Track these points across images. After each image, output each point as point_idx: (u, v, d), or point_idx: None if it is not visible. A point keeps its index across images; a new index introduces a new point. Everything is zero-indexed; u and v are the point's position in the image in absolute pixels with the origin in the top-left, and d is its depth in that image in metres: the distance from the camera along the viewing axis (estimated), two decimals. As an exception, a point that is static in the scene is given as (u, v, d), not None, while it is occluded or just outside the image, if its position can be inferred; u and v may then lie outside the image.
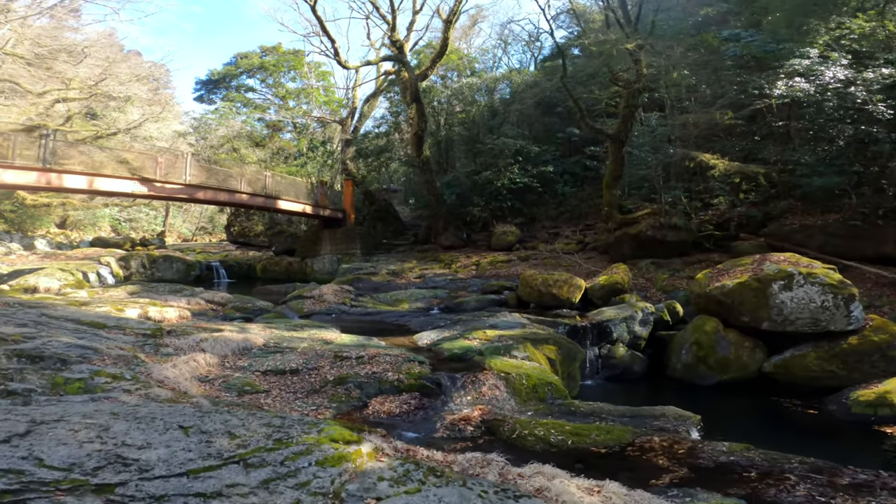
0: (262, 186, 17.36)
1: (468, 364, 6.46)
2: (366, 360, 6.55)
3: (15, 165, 10.04)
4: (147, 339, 6.60)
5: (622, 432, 4.88)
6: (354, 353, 6.71)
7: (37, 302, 6.99)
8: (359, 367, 6.26)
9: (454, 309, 12.81)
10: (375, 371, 6.09)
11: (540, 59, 29.80)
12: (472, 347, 7.15)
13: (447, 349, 7.28)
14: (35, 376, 4.17)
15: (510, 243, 20.33)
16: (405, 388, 5.76)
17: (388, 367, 6.22)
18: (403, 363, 6.42)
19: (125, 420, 3.08)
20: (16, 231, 27.31)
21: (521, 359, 7.13)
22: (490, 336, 7.93)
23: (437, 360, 6.66)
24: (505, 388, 6.05)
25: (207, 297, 11.45)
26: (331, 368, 6.36)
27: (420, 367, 6.38)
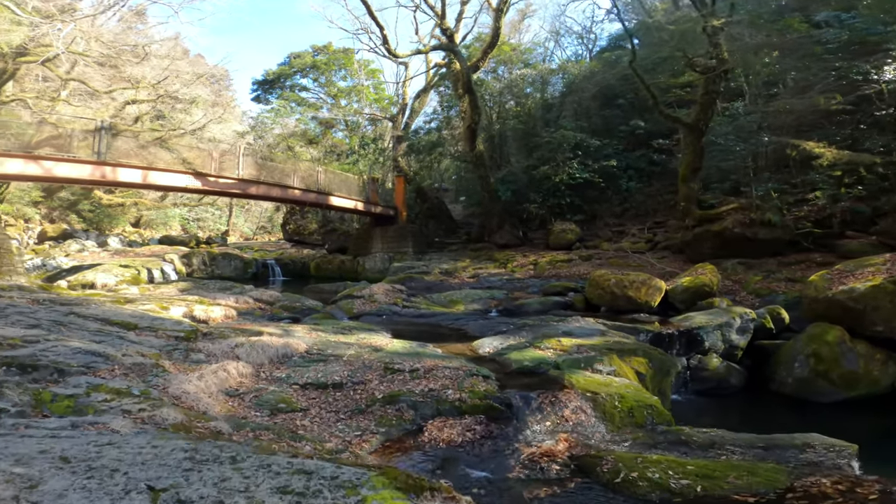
0: (315, 182, 16.79)
1: (543, 380, 5.38)
2: (421, 373, 5.34)
3: (69, 159, 9.82)
4: (178, 342, 5.79)
5: (773, 472, 3.54)
6: (408, 365, 5.58)
7: (72, 298, 6.36)
8: (413, 382, 5.06)
9: (514, 311, 11.57)
10: (432, 388, 4.92)
11: (596, 50, 27.90)
12: (546, 359, 6.01)
13: (515, 360, 6.01)
14: (16, 391, 3.29)
15: (570, 242, 18.70)
16: (468, 410, 4.61)
17: (447, 384, 5.00)
18: (465, 378, 5.13)
19: (72, 471, 2.07)
20: (94, 230, 28.68)
21: (606, 374, 5.77)
22: (566, 345, 6.62)
23: (503, 373, 5.58)
24: (592, 412, 4.82)
25: (256, 296, 10.78)
26: (380, 383, 5.16)
27: (485, 383, 5.06)
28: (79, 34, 14.75)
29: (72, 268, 12.14)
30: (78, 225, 28.23)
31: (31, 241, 22.34)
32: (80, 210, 28.68)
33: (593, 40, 30.57)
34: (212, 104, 27.18)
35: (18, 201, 24.00)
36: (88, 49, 15.92)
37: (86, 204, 28.69)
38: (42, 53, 14.71)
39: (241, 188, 13.75)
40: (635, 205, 19.69)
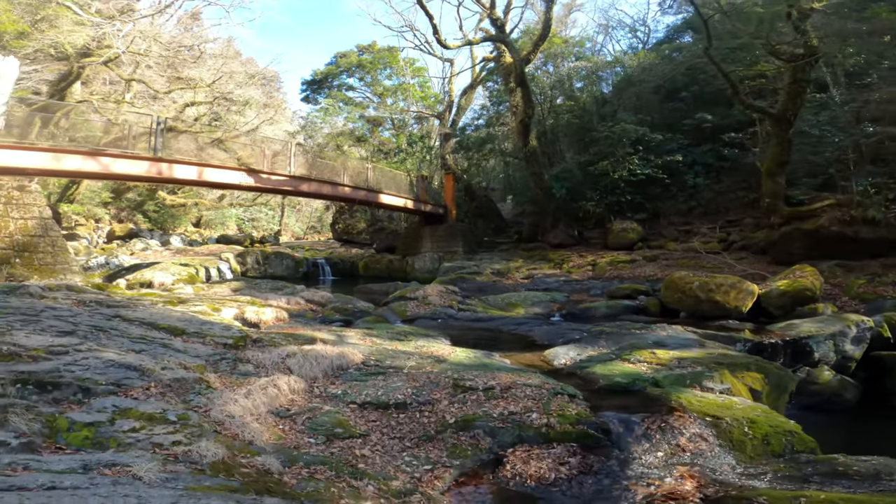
0: (365, 180, 16.29)
1: (641, 400, 4.60)
2: (497, 392, 4.43)
3: (125, 155, 9.65)
4: (226, 350, 5.17)
5: None
6: (481, 382, 4.66)
7: (120, 300, 5.90)
8: (489, 403, 4.26)
9: (579, 316, 10.51)
10: (513, 410, 4.10)
11: (652, 42, 26.05)
12: (641, 374, 5.21)
13: (602, 375, 5.23)
14: (24, 418, 2.65)
15: (631, 241, 17.25)
16: (557, 438, 3.83)
17: (529, 405, 4.18)
18: (550, 398, 4.29)
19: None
20: (158, 229, 29.71)
21: (719, 392, 4.79)
22: (663, 359, 5.65)
23: (589, 391, 4.83)
24: (715, 440, 3.92)
25: (307, 297, 10.25)
26: (450, 404, 4.33)
27: (574, 403, 4.24)
28: (138, 35, 14.98)
29: (131, 266, 12.14)
30: (144, 224, 29.32)
31: (101, 240, 23.21)
32: (146, 210, 29.78)
33: (647, 32, 28.77)
34: (263, 105, 27.52)
35: (89, 202, 25.09)
36: (148, 50, 16.18)
37: (151, 204, 29.76)
38: (104, 54, 15.04)
39: (293, 185, 13.37)
40: (703, 202, 17.93)
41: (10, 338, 3.47)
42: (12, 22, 13.63)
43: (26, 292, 5.21)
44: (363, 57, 30.18)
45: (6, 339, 3.43)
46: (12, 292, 5.17)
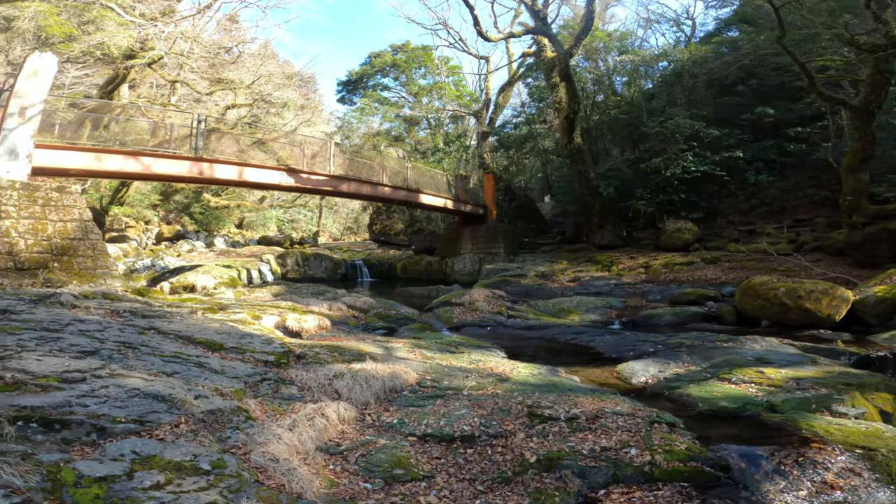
0: (404, 179, 15.66)
1: (759, 428, 3.91)
2: (582, 422, 3.72)
3: (166, 154, 9.36)
4: (268, 369, 4.54)
5: None
6: (562, 410, 3.91)
7: (157, 309, 5.39)
8: (574, 435, 3.56)
9: (642, 324, 9.54)
10: (605, 445, 3.41)
11: (700, 35, 24.43)
12: (751, 397, 4.51)
13: (700, 398, 4.55)
14: (20, 469, 2.04)
15: (686, 242, 15.93)
16: (664, 477, 3.16)
17: (624, 438, 3.50)
18: (648, 428, 3.60)
19: None
20: (203, 230, 30.18)
21: (854, 417, 4.09)
22: (775, 378, 4.88)
23: (688, 417, 4.11)
24: (871, 473, 3.13)
25: (349, 302, 9.66)
26: (527, 437, 3.61)
27: (678, 435, 3.53)
28: (179, 36, 14.94)
29: (175, 269, 11.94)
30: (190, 226, 29.84)
31: (150, 242, 23.61)
32: (192, 212, 30.31)
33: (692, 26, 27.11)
34: (301, 107, 27.45)
35: (139, 204, 25.64)
36: (190, 51, 16.16)
37: (196, 206, 30.26)
38: (147, 55, 15.09)
39: (333, 185, 12.88)
40: (767, 200, 16.39)
41: (19, 361, 2.89)
42: (59, 25, 13.78)
43: (57, 301, 4.75)
44: (397, 56, 29.70)
45: (13, 364, 2.84)
46: (42, 301, 4.72)
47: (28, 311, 4.25)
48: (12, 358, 2.88)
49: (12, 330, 3.48)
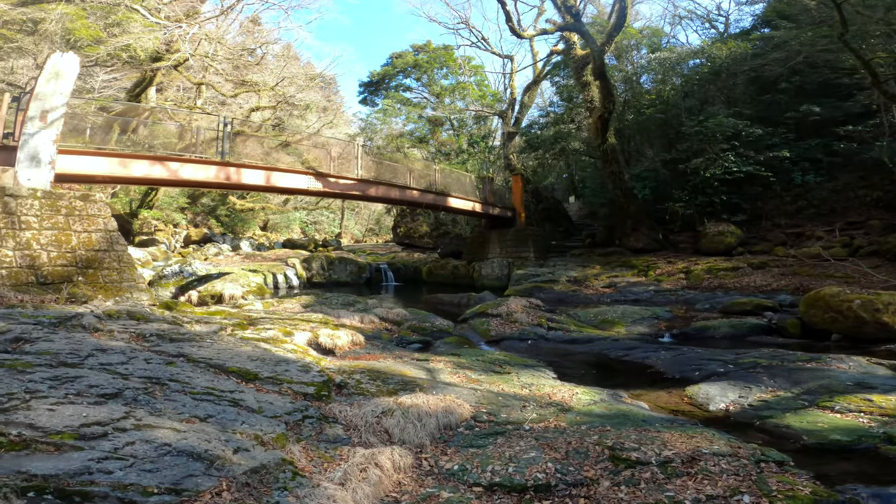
0: (431, 182, 15.04)
1: (881, 463, 3.45)
2: (677, 466, 3.14)
3: (193, 160, 8.94)
4: (308, 403, 3.97)
5: None
6: (651, 452, 3.32)
7: (185, 332, 4.88)
8: (670, 483, 2.98)
9: (695, 337, 8.77)
10: (711, 493, 2.83)
11: (734, 31, 23.25)
12: (863, 428, 4.00)
13: (805, 430, 4.03)
14: None
15: (729, 246, 14.96)
16: None
17: (732, 483, 2.93)
18: (755, 469, 3.06)
19: None
20: (229, 233, 30.13)
21: None
22: (886, 406, 4.27)
23: (792, 451, 3.55)
24: None
25: (382, 314, 9.09)
26: (613, 486, 3.03)
27: (792, 476, 2.99)
28: (203, 37, 14.67)
29: (203, 277, 11.58)
30: (216, 229, 29.82)
31: (178, 245, 23.53)
32: (219, 215, 30.30)
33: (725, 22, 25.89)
34: (323, 109, 27.13)
35: (167, 207, 25.66)
36: (214, 53, 15.90)
37: (223, 209, 30.24)
38: (173, 58, 14.85)
39: (361, 189, 12.34)
40: (815, 202, 15.28)
41: (27, 413, 2.36)
42: (86, 28, 13.59)
43: (78, 324, 4.25)
44: (419, 57, 29.12)
45: (19, 417, 2.31)
46: (62, 323, 4.23)
47: (45, 339, 3.75)
48: (18, 409, 2.35)
49: (23, 367, 2.96)
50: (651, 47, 21.74)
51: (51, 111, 6.71)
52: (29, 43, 15.79)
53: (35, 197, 6.36)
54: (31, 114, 6.56)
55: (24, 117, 6.61)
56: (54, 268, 6.06)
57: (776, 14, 19.22)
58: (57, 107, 6.76)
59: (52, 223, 6.32)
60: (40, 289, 5.77)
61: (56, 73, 6.75)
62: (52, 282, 5.96)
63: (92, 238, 6.50)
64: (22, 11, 13.61)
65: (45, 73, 6.71)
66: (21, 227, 6.08)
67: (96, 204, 6.76)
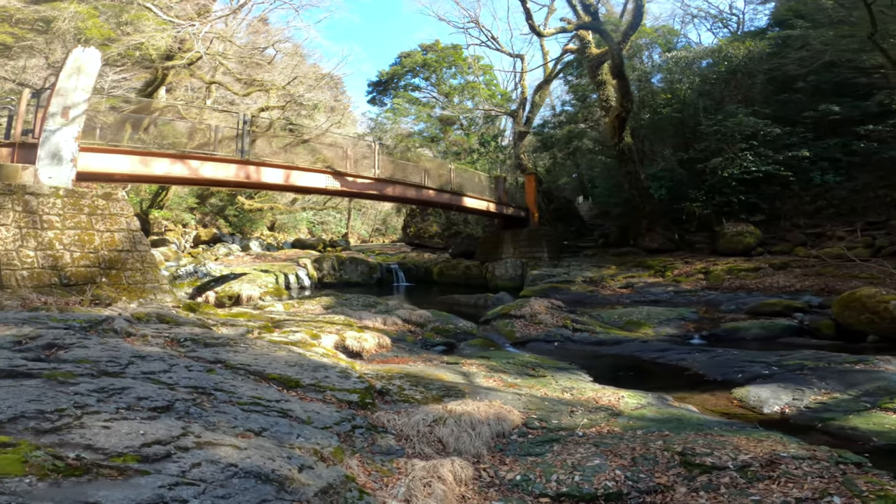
0: (446, 182, 14.81)
1: None
2: (757, 470, 2.96)
3: (213, 157, 8.72)
4: (353, 412, 3.75)
5: None
6: (726, 456, 3.13)
7: (217, 337, 4.67)
8: (753, 487, 2.80)
9: (726, 338, 8.55)
10: (800, 496, 2.68)
11: (749, 30, 22.98)
12: None
13: (872, 431, 3.96)
14: None
15: (748, 246, 14.69)
16: None
17: (818, 485, 2.76)
18: (839, 471, 2.91)
19: None
20: (238, 233, 29.92)
21: None
22: None
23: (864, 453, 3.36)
24: None
25: (404, 316, 8.87)
26: (690, 491, 2.85)
27: (877, 476, 2.85)
28: (216, 36, 14.47)
29: (220, 278, 11.38)
30: (225, 229, 29.61)
31: (188, 245, 23.34)
32: (227, 215, 30.08)
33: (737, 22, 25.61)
34: (330, 109, 26.94)
35: (177, 207, 25.46)
36: (225, 52, 15.70)
37: (231, 209, 30.04)
38: (185, 56, 14.65)
39: (378, 189, 12.12)
40: (835, 202, 15.00)
41: (82, 431, 2.14)
42: (98, 27, 13.38)
43: (110, 328, 4.04)
44: (427, 56, 28.85)
45: (74, 436, 2.09)
46: (94, 327, 4.02)
47: (79, 345, 3.53)
48: (72, 427, 2.13)
49: (64, 377, 2.74)
50: (665, 46, 21.48)
51: (73, 107, 6.50)
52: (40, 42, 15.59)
53: (57, 195, 6.15)
54: (52, 110, 6.35)
55: (44, 114, 6.40)
56: (77, 268, 5.85)
57: (792, 13, 18.95)
58: (79, 103, 6.55)
59: (74, 222, 6.10)
60: (63, 290, 5.56)
61: (78, 69, 6.54)
62: (75, 283, 5.74)
63: (115, 238, 6.29)
64: (35, 9, 13.41)
65: (66, 69, 6.49)
66: (43, 227, 5.86)
67: (119, 203, 6.55)
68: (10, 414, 2.04)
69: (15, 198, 5.89)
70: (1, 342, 3.51)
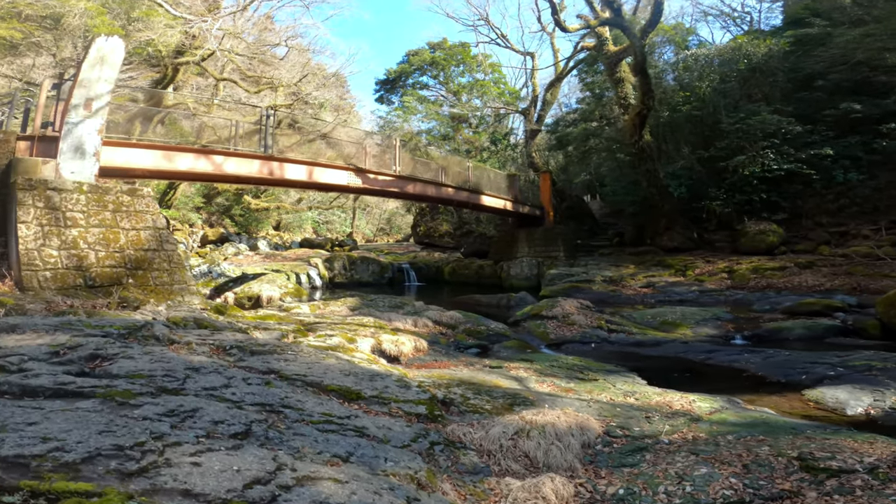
0: (465, 179, 14.41)
1: None
2: (884, 470, 2.75)
3: (237, 153, 8.33)
4: (425, 426, 3.38)
5: None
6: (849, 459, 2.93)
7: (262, 343, 4.30)
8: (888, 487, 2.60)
9: (769, 338, 8.24)
10: None
11: (765, 28, 22.65)
12: None
13: None
14: None
15: (770, 245, 14.34)
16: None
17: None
18: None
19: None
20: (244, 233, 29.44)
21: None
22: None
23: None
24: None
25: (434, 317, 8.50)
26: (821, 496, 2.61)
27: None
28: (227, 32, 14.05)
29: (237, 278, 10.97)
30: (231, 228, 29.12)
31: (195, 245, 22.87)
32: (233, 214, 29.61)
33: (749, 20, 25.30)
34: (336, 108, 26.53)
35: (184, 207, 24.98)
36: (234, 48, 15.28)
37: (237, 209, 29.56)
38: (197, 53, 14.24)
39: (399, 186, 11.73)
40: (858, 200, 14.66)
41: (171, 471, 1.78)
42: (106, 25, 12.96)
43: (151, 335, 3.64)
44: (435, 54, 28.43)
45: (165, 478, 1.74)
46: (132, 334, 3.62)
47: (123, 355, 3.14)
48: (159, 466, 1.74)
49: (123, 398, 2.35)
50: (682, 44, 21.13)
51: (96, 99, 6.10)
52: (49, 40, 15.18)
53: (81, 191, 5.75)
54: (74, 102, 5.95)
55: (66, 106, 6.00)
56: (103, 269, 5.44)
57: (808, 11, 18.62)
58: (102, 94, 6.15)
59: (99, 220, 5.70)
60: (89, 292, 5.17)
61: (101, 59, 6.13)
62: (100, 284, 5.34)
63: (141, 236, 5.89)
64: (45, 4, 12.97)
65: (89, 58, 6.09)
66: (66, 225, 5.46)
67: (144, 199, 6.14)
68: (83, 452, 1.65)
69: (36, 193, 5.49)
70: (35, 353, 3.12)
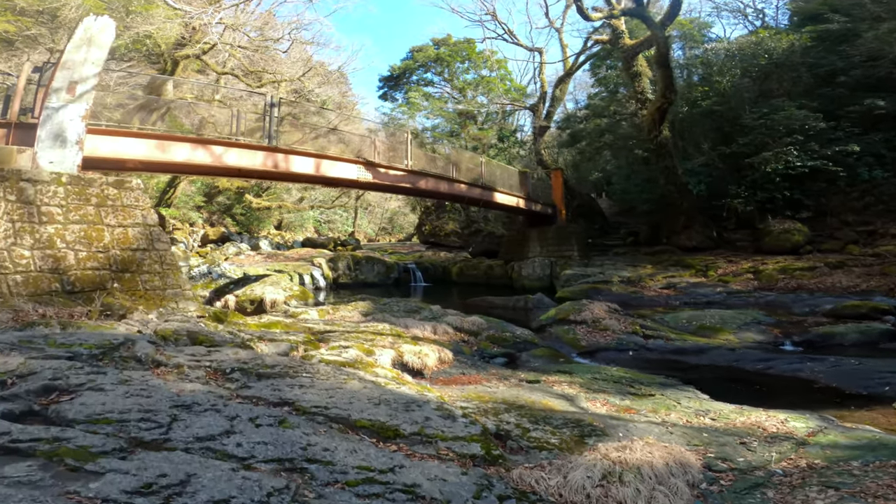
0: (478, 175, 13.62)
1: None
2: None
3: (239, 143, 7.54)
4: (485, 472, 2.58)
5: None
6: None
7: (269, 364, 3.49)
8: None
9: (821, 344, 7.53)
10: None
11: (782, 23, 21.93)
12: None
13: None
14: None
15: (796, 244, 13.58)
16: None
17: None
18: None
19: None
20: (245, 232, 28.58)
21: None
22: None
23: None
24: None
25: (455, 323, 7.72)
26: None
27: None
28: (227, 26, 13.31)
29: (239, 280, 10.18)
30: (232, 227, 28.26)
31: (196, 244, 22.04)
32: (234, 214, 28.76)
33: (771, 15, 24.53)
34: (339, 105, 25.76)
35: (184, 206, 24.14)
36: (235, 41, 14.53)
37: (238, 208, 28.71)
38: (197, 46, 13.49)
39: (411, 181, 10.95)
40: (884, 198, 13.91)
41: None
42: (102, 17, 12.13)
43: (131, 355, 2.85)
44: (440, 51, 27.65)
45: None
46: (108, 355, 2.82)
47: (91, 385, 2.34)
48: None
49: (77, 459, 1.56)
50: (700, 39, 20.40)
51: (80, 82, 5.30)
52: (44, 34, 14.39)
53: (59, 183, 4.94)
54: (56, 84, 5.15)
55: (46, 89, 5.19)
56: (83, 272, 4.66)
57: (827, 7, 17.90)
58: (88, 77, 5.36)
59: (80, 215, 4.90)
60: (67, 298, 4.39)
61: (89, 39, 5.35)
62: (80, 289, 4.56)
63: (128, 234, 5.10)
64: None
65: (75, 39, 5.30)
66: (41, 221, 4.67)
67: (133, 192, 5.35)
68: None
69: (7, 185, 4.69)
70: (-24, 381, 2.32)
